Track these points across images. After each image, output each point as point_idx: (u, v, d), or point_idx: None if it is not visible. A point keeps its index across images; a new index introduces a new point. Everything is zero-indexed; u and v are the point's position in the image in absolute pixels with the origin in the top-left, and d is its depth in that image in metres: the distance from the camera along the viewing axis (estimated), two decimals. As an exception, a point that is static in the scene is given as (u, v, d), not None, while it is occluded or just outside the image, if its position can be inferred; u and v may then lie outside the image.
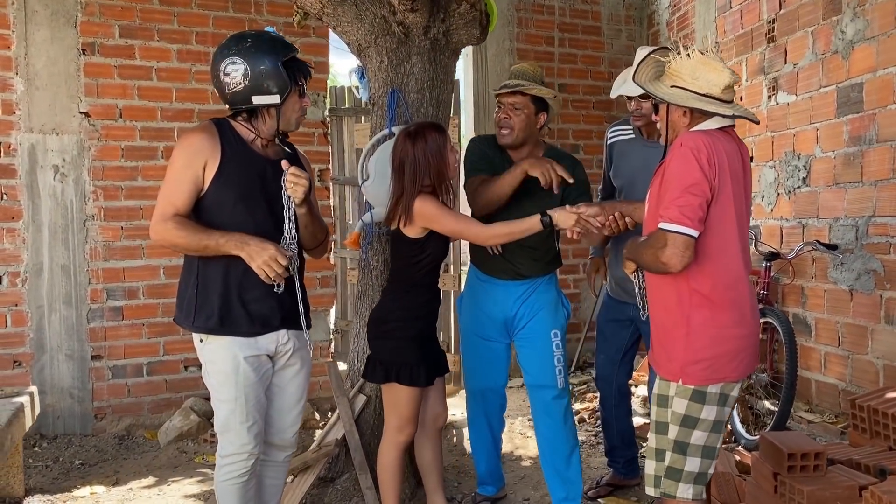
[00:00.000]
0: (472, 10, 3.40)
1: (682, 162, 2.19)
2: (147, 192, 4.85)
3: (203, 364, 2.53)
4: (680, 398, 2.30)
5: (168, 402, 4.90)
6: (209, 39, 4.97)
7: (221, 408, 2.48)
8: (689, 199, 2.16)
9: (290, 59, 2.45)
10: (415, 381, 2.84)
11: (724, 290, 2.25)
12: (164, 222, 2.37)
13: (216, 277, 2.43)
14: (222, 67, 2.42)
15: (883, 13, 3.78)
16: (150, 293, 4.87)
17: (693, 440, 2.29)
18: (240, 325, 2.44)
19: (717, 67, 2.26)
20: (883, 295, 3.80)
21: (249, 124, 2.49)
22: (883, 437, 3.23)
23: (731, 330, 2.26)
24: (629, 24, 6.48)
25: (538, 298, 3.16)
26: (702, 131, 2.28)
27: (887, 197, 3.76)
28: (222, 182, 2.39)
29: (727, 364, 2.27)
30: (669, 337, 2.34)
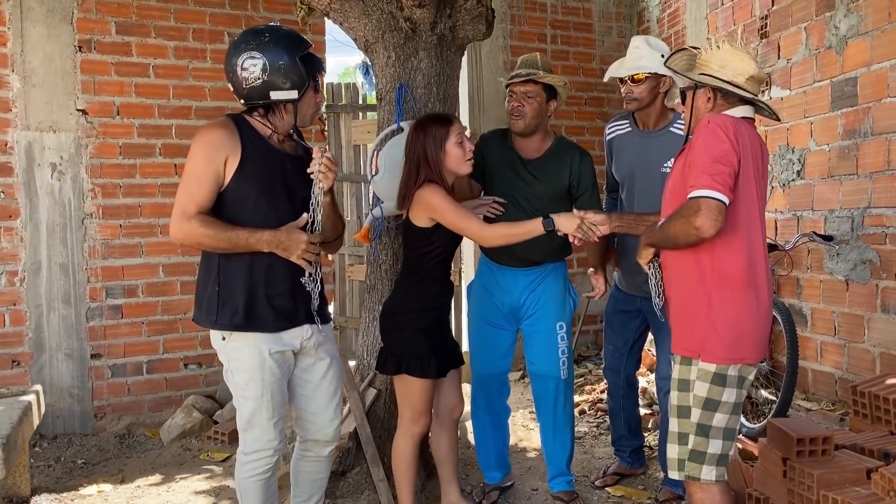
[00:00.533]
0: (479, 5, 3.44)
1: (710, 135, 2.25)
2: (145, 190, 4.84)
3: (225, 362, 2.52)
4: (702, 381, 2.35)
5: (168, 401, 4.89)
6: (206, 36, 4.97)
7: (246, 405, 2.48)
8: (720, 167, 2.21)
9: (306, 54, 2.47)
10: (426, 372, 2.86)
11: (745, 271, 2.32)
12: (188, 221, 2.34)
13: (239, 274, 2.42)
14: (240, 62, 2.41)
15: (877, 8, 3.86)
16: (149, 291, 4.86)
17: (715, 423, 2.34)
18: (265, 321, 2.44)
19: (743, 58, 2.37)
20: (879, 284, 3.88)
21: (266, 120, 2.50)
22: (884, 422, 3.31)
23: (751, 312, 2.33)
24: (619, 20, 6.54)
25: (546, 289, 3.23)
26: (726, 115, 2.36)
27: (882, 188, 3.85)
28: (244, 177, 2.39)
29: (746, 346, 2.33)
30: (690, 314, 2.39)
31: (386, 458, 3.40)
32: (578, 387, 5.27)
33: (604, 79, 3.46)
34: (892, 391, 3.31)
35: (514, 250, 3.16)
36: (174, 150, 4.90)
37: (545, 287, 3.23)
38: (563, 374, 3.25)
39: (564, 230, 2.75)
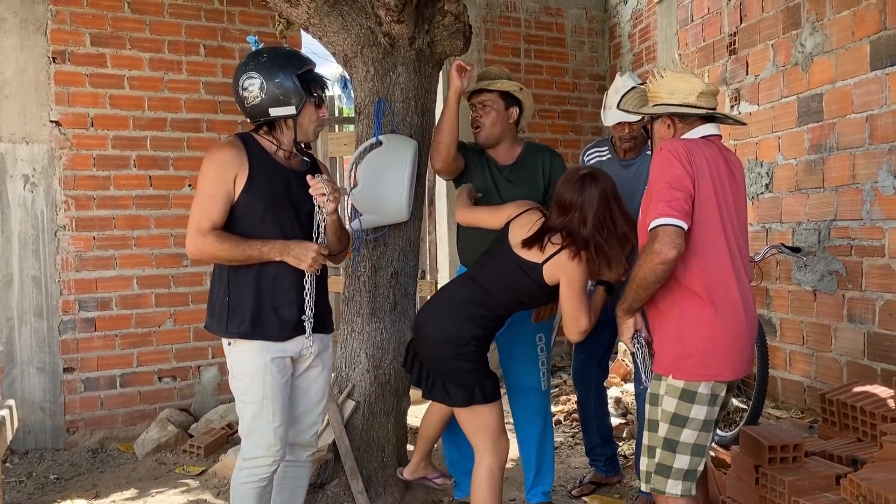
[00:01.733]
0: (456, 21, 3.49)
1: (662, 162, 2.33)
2: (119, 202, 4.81)
3: (230, 368, 2.59)
4: (670, 397, 2.38)
5: (142, 414, 4.85)
6: (181, 48, 4.96)
7: (248, 409, 2.53)
8: (673, 193, 2.27)
9: (306, 71, 2.55)
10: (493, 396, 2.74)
11: (713, 288, 2.34)
12: (203, 236, 2.45)
13: (247, 284, 2.51)
14: (241, 83, 2.53)
15: (840, 28, 3.99)
16: (122, 304, 4.82)
17: (683, 438, 2.37)
18: (270, 330, 2.52)
19: (688, 78, 2.43)
20: (845, 295, 3.99)
21: (271, 136, 2.60)
22: (852, 429, 3.40)
23: (722, 328, 2.34)
24: (592, 36, 6.65)
25: None
26: (678, 139, 2.43)
27: (848, 201, 3.96)
28: (251, 193, 2.48)
29: (717, 362, 2.34)
30: (662, 333, 2.44)
31: (364, 469, 3.42)
32: (554, 397, 5.32)
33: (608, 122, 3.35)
34: (860, 399, 3.40)
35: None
36: (148, 162, 4.88)
37: None
38: (543, 386, 3.27)
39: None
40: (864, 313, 3.87)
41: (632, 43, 6.33)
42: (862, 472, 2.74)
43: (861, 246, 3.88)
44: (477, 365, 2.74)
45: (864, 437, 3.32)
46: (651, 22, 6.02)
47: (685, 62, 5.51)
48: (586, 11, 6.62)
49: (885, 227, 3.75)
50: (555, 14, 6.48)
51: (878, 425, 3.11)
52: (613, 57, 6.59)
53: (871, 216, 3.82)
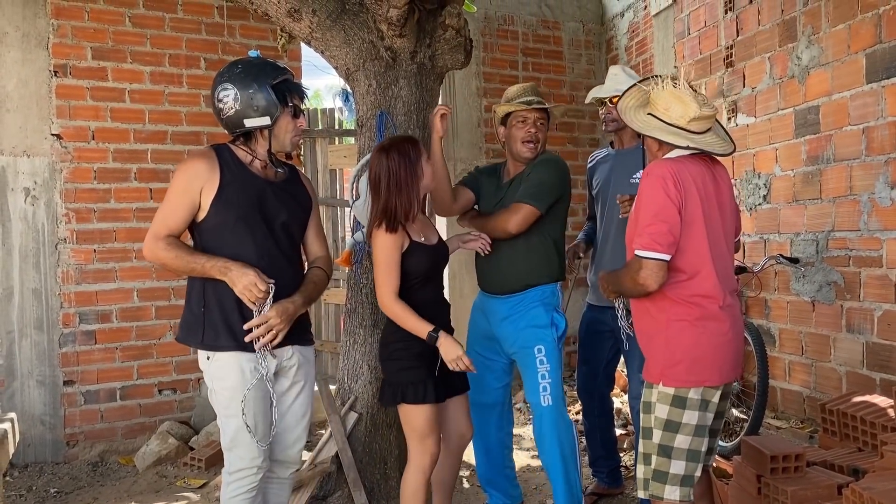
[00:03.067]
0: (458, 35, 3.53)
1: (649, 190, 2.39)
2: (120, 215, 4.82)
3: (210, 382, 2.56)
4: (661, 404, 2.44)
5: (142, 427, 4.84)
6: (182, 62, 4.99)
7: (230, 423, 2.52)
8: (658, 226, 2.35)
9: (282, 81, 2.54)
10: (422, 398, 2.76)
11: (699, 299, 2.41)
12: (156, 241, 2.47)
13: (220, 295, 2.49)
14: (216, 94, 2.53)
15: (836, 41, 4.04)
16: (123, 316, 4.82)
17: (677, 444, 2.43)
18: (244, 341, 2.48)
19: (684, 100, 2.43)
20: (844, 305, 4.02)
21: (247, 147, 2.59)
22: (852, 438, 3.42)
23: (710, 338, 2.41)
24: (589, 48, 6.70)
25: (523, 315, 3.17)
26: (668, 159, 2.47)
27: (845, 212, 4.00)
28: (222, 204, 2.47)
29: (706, 368, 2.41)
30: (652, 342, 2.51)
31: (367, 481, 3.42)
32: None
33: (586, 100, 3.65)
34: (860, 409, 3.43)
35: (490, 278, 3.26)
36: (149, 175, 4.90)
37: (522, 314, 3.18)
38: (545, 401, 3.12)
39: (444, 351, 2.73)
40: (863, 323, 3.90)
41: (629, 55, 6.38)
42: (864, 482, 2.75)
43: (859, 256, 3.92)
44: (406, 364, 2.78)
45: (865, 446, 3.34)
46: (648, 35, 6.07)
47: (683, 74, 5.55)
48: (583, 24, 6.68)
49: (882, 238, 3.78)
50: (552, 27, 6.53)
51: (879, 435, 3.13)
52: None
53: (869, 227, 3.85)
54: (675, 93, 2.46)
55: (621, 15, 6.49)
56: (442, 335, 2.74)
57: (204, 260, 2.44)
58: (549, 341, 3.16)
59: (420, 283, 2.86)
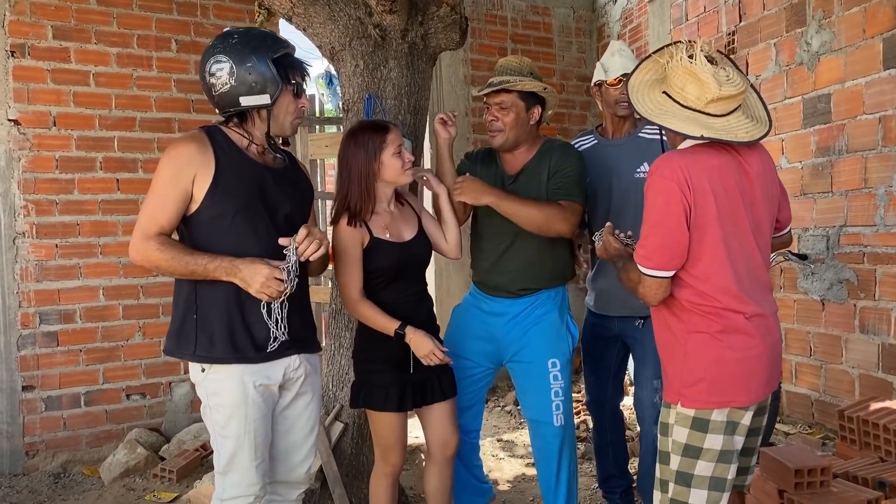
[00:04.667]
0: (453, 13, 3.25)
1: (652, 195, 2.08)
2: (84, 207, 4.48)
3: (204, 398, 2.24)
4: (680, 426, 2.11)
5: (108, 435, 4.52)
6: (152, 43, 4.65)
7: (226, 445, 2.21)
8: (655, 239, 2.06)
9: (283, 55, 2.23)
10: (382, 405, 2.61)
11: (722, 311, 2.08)
12: (146, 241, 2.11)
13: (219, 299, 2.17)
14: (207, 67, 2.19)
15: (850, 25, 3.82)
16: (88, 316, 4.49)
17: (697, 471, 2.09)
18: (246, 351, 2.19)
19: (701, 78, 2.04)
20: (857, 304, 3.81)
21: (242, 129, 2.26)
22: (873, 447, 3.21)
23: (735, 350, 2.07)
24: (579, 36, 6.46)
25: (536, 320, 2.87)
26: (680, 151, 2.12)
27: (859, 206, 3.79)
28: (219, 194, 2.14)
29: (732, 387, 2.07)
30: (668, 356, 2.20)
31: (354, 497, 3.15)
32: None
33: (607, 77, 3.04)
34: (881, 416, 3.21)
35: (498, 278, 2.91)
36: (116, 165, 4.56)
37: (536, 318, 2.88)
38: (558, 421, 2.82)
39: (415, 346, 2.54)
40: (879, 324, 3.69)
41: (621, 43, 6.13)
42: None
43: (874, 253, 3.71)
44: (372, 367, 2.65)
45: (888, 456, 3.13)
46: (642, 21, 5.83)
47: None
48: (574, 11, 6.43)
49: (901, 234, 3.57)
50: (542, 13, 6.28)
51: (909, 446, 2.92)
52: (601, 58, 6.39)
53: (886, 222, 3.64)
54: (691, 69, 2.04)
55: (613, 1, 6.25)
56: (409, 331, 2.55)
57: (206, 260, 2.10)
58: (564, 354, 2.87)
59: (386, 281, 2.64)
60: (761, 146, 2.20)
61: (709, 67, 2.04)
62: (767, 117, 2.15)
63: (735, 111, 2.10)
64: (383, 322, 2.57)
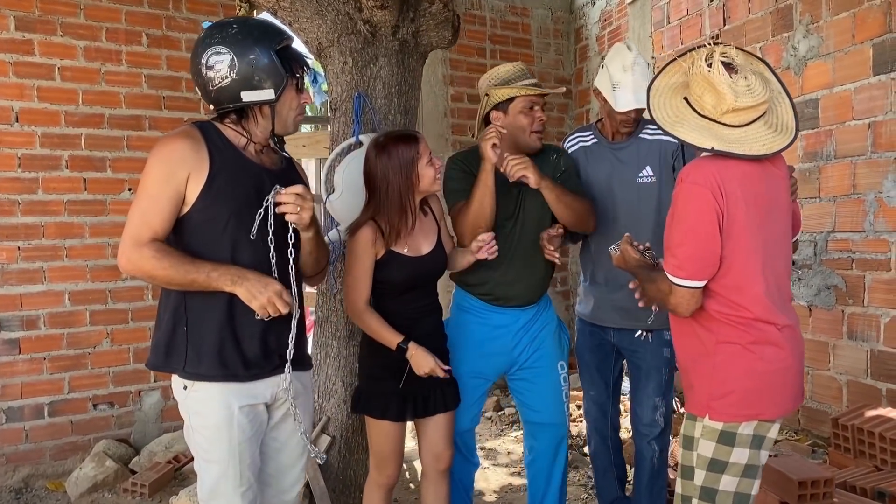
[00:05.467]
0: (445, 10, 3.14)
1: (682, 202, 1.99)
2: (49, 208, 4.26)
3: (186, 418, 2.08)
4: (706, 440, 2.04)
5: (74, 447, 4.31)
6: (121, 37, 4.45)
7: (210, 470, 2.05)
8: (688, 248, 1.97)
9: (284, 47, 2.08)
10: (382, 414, 2.52)
11: (754, 322, 2.00)
12: (139, 249, 1.93)
13: (209, 311, 2.01)
14: (204, 60, 2.01)
15: (839, 30, 3.81)
16: (52, 322, 4.27)
17: (722, 486, 2.03)
18: (235, 368, 2.02)
19: (717, 88, 1.96)
20: (845, 310, 3.80)
21: (240, 127, 2.10)
22: (868, 456, 3.19)
23: (766, 363, 2.00)
24: (557, 37, 6.40)
25: (542, 326, 2.82)
26: (708, 157, 2.02)
27: (847, 212, 3.77)
28: (213, 196, 1.98)
29: (760, 399, 2.00)
30: (695, 368, 2.11)
31: (341, 513, 3.02)
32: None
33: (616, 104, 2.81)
34: (876, 424, 3.19)
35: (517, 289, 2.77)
36: (83, 163, 4.35)
37: (542, 324, 2.82)
38: (567, 423, 2.84)
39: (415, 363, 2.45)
40: (867, 330, 3.68)
41: (600, 46, 6.09)
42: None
43: (863, 259, 3.69)
44: (373, 373, 2.57)
45: (883, 465, 3.11)
46: (622, 24, 5.79)
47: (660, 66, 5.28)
48: (552, 12, 6.37)
49: (890, 240, 3.56)
50: (521, 13, 6.20)
51: (908, 455, 2.89)
52: (580, 60, 6.35)
53: (875, 228, 3.63)
54: (709, 78, 1.97)
55: (592, 3, 6.20)
56: (412, 347, 2.45)
57: (209, 268, 1.94)
58: (566, 356, 2.84)
59: (395, 292, 2.55)
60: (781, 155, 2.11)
61: (725, 77, 1.96)
62: (795, 125, 2.05)
63: (756, 121, 2.01)
64: (386, 335, 2.47)
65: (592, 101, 6.16)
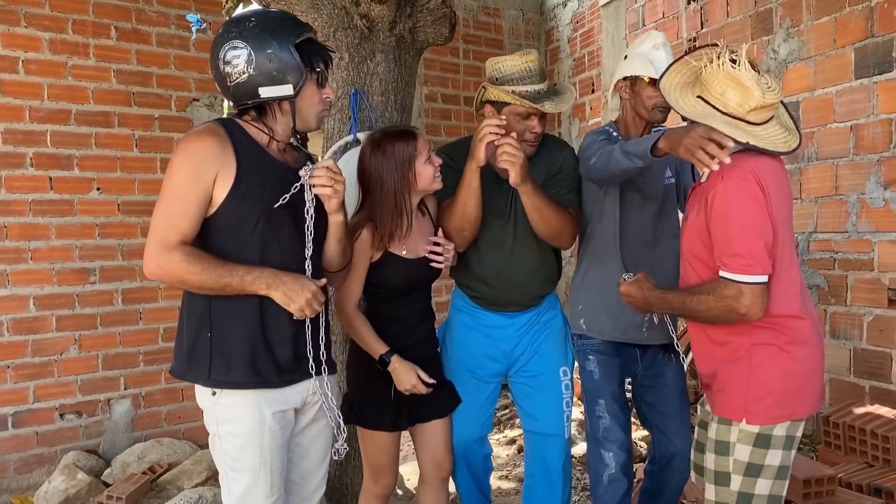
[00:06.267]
0: (443, 5, 3.07)
1: (734, 198, 1.94)
2: (12, 208, 4.06)
3: (213, 427, 1.98)
4: (743, 444, 2.02)
5: (40, 459, 4.10)
6: (89, 29, 4.27)
7: (239, 480, 1.95)
8: (755, 242, 1.92)
9: (305, 40, 1.99)
10: (376, 423, 2.44)
11: (789, 321, 2.00)
12: (169, 253, 1.83)
13: (238, 316, 1.93)
14: (222, 55, 1.93)
15: (820, 34, 3.87)
16: (16, 328, 4.06)
17: (758, 490, 2.01)
18: (268, 374, 1.95)
19: (745, 85, 1.94)
20: (827, 310, 3.86)
21: (261, 124, 2.01)
22: (858, 452, 3.24)
23: (801, 362, 2.00)
24: (529, 38, 6.40)
25: (544, 327, 2.69)
26: (740, 154, 2.00)
27: (829, 213, 3.84)
28: (241, 197, 1.89)
29: (796, 399, 2.01)
30: (728, 372, 2.07)
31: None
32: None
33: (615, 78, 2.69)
34: (866, 421, 3.25)
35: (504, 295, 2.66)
36: (49, 162, 4.15)
37: (543, 325, 2.70)
38: (566, 433, 2.66)
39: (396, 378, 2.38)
40: (851, 329, 3.75)
41: (572, 48, 6.11)
42: (913, 508, 2.54)
43: (846, 259, 3.76)
44: (364, 381, 2.49)
45: (875, 461, 3.16)
46: (595, 25, 5.81)
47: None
48: (523, 13, 6.36)
49: (873, 240, 3.63)
50: (493, 14, 6.18)
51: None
52: (551, 62, 6.36)
53: (858, 228, 3.70)
54: (735, 74, 1.95)
55: (563, 4, 6.21)
56: (394, 361, 2.37)
57: (243, 272, 1.86)
58: (571, 362, 2.71)
59: (393, 296, 2.47)
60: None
61: (753, 74, 1.95)
62: (797, 128, 2.09)
63: (770, 120, 2.03)
64: (372, 343, 2.39)
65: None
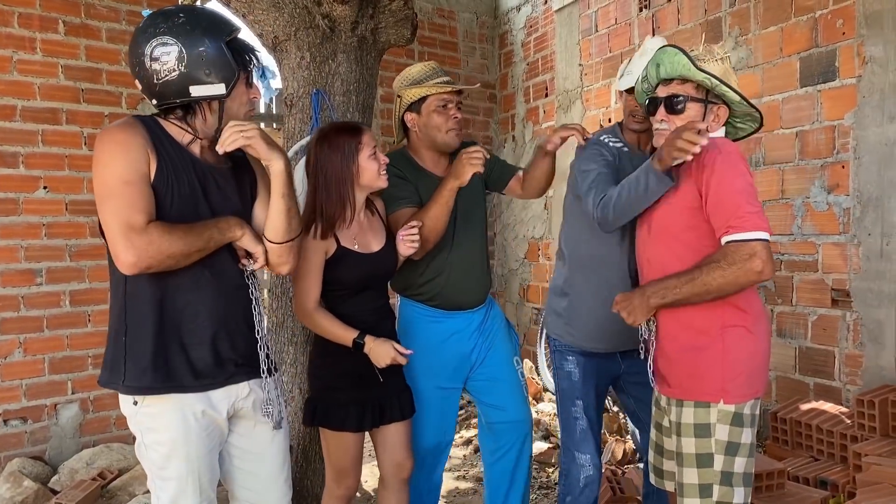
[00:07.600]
0: (405, 7, 3.09)
1: (732, 163, 2.04)
2: (-46, 206, 3.91)
3: (138, 435, 1.92)
4: (722, 424, 2.08)
5: (-18, 467, 3.96)
6: (35, 23, 4.15)
7: (166, 488, 1.90)
8: (756, 204, 2.02)
9: (234, 39, 1.94)
10: (341, 424, 2.44)
11: (753, 301, 2.12)
12: (144, 234, 1.76)
13: (147, 316, 1.86)
14: (148, 51, 1.85)
15: (767, 43, 4.01)
16: (-43, 332, 3.92)
17: (736, 468, 2.09)
18: (182, 378, 1.88)
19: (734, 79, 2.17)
20: (774, 310, 3.99)
21: (184, 123, 1.94)
22: (805, 447, 3.35)
23: (762, 341, 2.12)
24: (483, 42, 6.45)
25: (492, 324, 2.81)
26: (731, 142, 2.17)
27: (777, 216, 3.97)
28: (160, 195, 1.84)
29: (758, 378, 2.12)
30: (701, 355, 2.12)
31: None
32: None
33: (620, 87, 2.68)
34: (812, 417, 3.36)
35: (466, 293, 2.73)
36: (-8, 159, 4.02)
37: (492, 321, 2.81)
38: (531, 420, 2.84)
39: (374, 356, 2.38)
40: (796, 328, 3.88)
41: (526, 52, 6.18)
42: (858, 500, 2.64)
43: (792, 261, 3.90)
44: (329, 384, 2.48)
45: (820, 455, 3.28)
46: (549, 30, 5.89)
47: (588, 73, 5.41)
48: (477, 17, 6.41)
49: (817, 243, 3.77)
50: (448, 16, 6.21)
51: (849, 446, 3.05)
52: (504, 65, 6.42)
53: (803, 231, 3.84)
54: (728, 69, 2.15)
55: (517, 9, 6.27)
56: (368, 340, 2.38)
57: (212, 222, 1.88)
58: (518, 350, 2.86)
59: (348, 293, 2.46)
60: None
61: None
62: None
63: None
64: (340, 332, 2.39)
65: (518, 106, 6.25)
